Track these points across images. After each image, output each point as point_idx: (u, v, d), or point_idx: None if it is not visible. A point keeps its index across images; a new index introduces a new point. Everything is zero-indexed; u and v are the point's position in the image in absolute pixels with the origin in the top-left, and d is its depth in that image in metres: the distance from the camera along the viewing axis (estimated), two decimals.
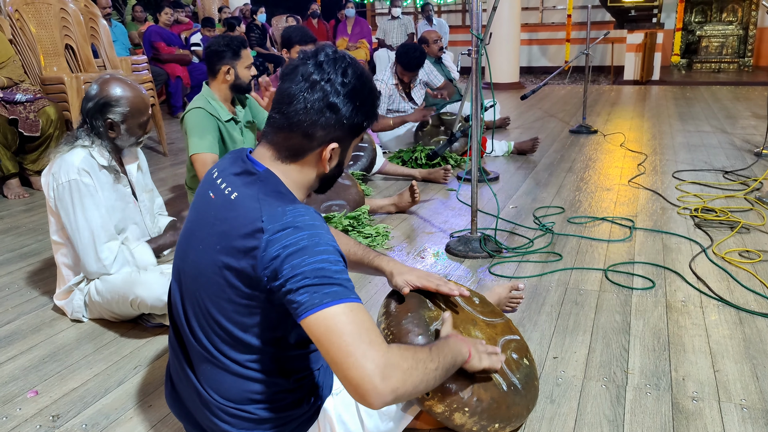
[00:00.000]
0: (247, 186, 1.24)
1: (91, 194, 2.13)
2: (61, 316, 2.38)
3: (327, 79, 1.24)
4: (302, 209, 1.20)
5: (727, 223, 3.18)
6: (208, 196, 1.31)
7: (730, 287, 2.47)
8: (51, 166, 2.18)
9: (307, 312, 1.11)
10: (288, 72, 1.29)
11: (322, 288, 1.11)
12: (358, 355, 1.07)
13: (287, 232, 1.15)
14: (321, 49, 1.30)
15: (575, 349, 2.05)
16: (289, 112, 1.24)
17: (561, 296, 2.44)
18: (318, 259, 1.13)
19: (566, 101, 8.00)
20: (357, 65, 1.30)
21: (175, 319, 1.41)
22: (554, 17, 12.39)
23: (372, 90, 1.31)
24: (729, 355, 1.99)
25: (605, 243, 3.00)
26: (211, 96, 3.02)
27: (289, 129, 1.25)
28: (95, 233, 2.14)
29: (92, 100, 2.15)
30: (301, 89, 1.24)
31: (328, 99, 1.23)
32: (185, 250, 1.36)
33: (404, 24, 9.32)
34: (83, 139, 2.17)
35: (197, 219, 1.34)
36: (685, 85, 9.27)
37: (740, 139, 5.26)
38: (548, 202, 3.67)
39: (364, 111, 1.28)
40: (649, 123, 6.21)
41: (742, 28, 11.38)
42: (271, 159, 1.29)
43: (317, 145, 1.27)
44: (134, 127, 2.21)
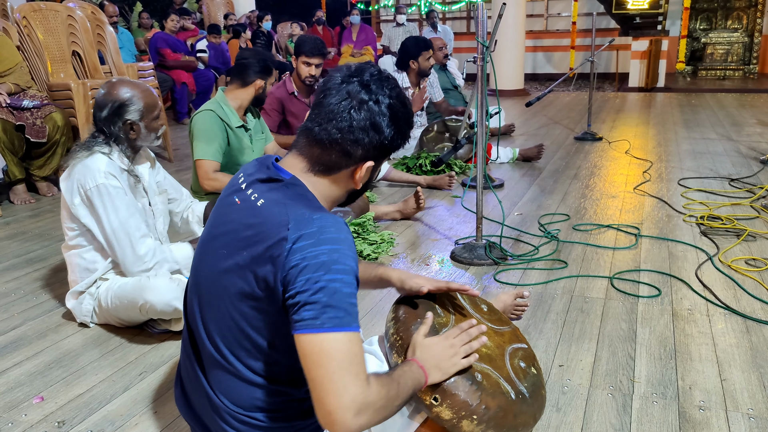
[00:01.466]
0: (273, 192, 1.24)
1: (120, 195, 2.15)
2: (67, 321, 2.39)
3: (375, 99, 1.24)
4: (330, 219, 1.19)
5: (733, 230, 3.17)
6: (234, 201, 1.31)
7: (736, 295, 2.46)
8: (71, 172, 2.19)
9: (305, 329, 1.12)
10: (332, 88, 1.27)
11: (329, 311, 1.12)
12: (340, 385, 1.08)
13: (310, 243, 1.14)
14: (365, 68, 1.30)
15: (581, 357, 2.05)
16: (331, 128, 1.24)
17: (566, 304, 2.44)
18: (333, 278, 1.13)
19: (571, 108, 8.00)
20: (398, 87, 1.30)
21: (190, 323, 1.41)
22: (559, 24, 12.40)
23: (409, 112, 1.33)
24: (736, 363, 1.98)
25: (611, 251, 2.99)
26: (224, 101, 3.04)
27: (329, 145, 1.25)
28: (130, 232, 2.16)
29: (105, 107, 2.17)
30: (346, 107, 1.24)
31: (374, 119, 1.24)
32: (206, 254, 1.35)
33: (409, 31, 9.34)
34: (101, 146, 2.19)
35: (220, 224, 1.33)
36: (690, 93, 9.26)
37: (746, 147, 5.25)
38: (553, 210, 3.66)
39: (402, 132, 1.30)
40: (654, 130, 6.21)
41: (748, 36, 11.38)
42: (302, 170, 1.28)
43: (354, 162, 1.27)
44: (151, 122, 2.23)
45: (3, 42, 3.95)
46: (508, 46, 9.26)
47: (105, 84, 2.22)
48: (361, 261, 1.67)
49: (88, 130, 4.19)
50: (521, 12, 9.43)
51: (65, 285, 2.66)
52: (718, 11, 11.70)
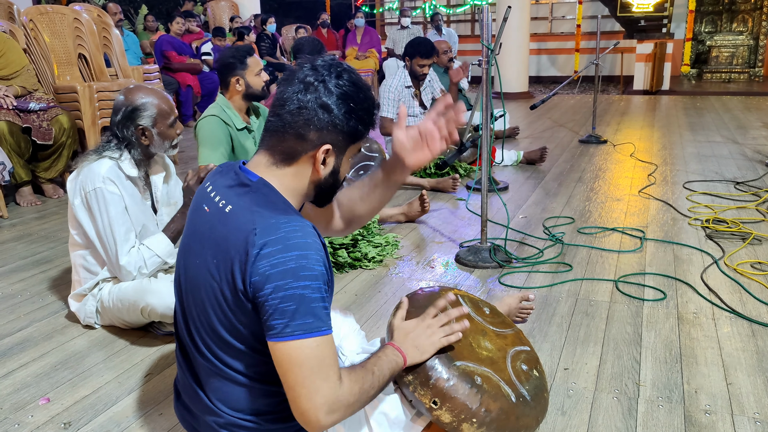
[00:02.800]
0: (241, 197, 1.25)
1: (115, 202, 2.15)
2: (72, 323, 2.40)
3: (321, 80, 1.24)
4: (297, 224, 1.19)
5: (738, 234, 3.17)
6: (203, 209, 1.31)
7: (742, 299, 2.45)
8: (78, 174, 2.21)
9: (276, 338, 1.15)
10: (285, 77, 1.29)
11: (297, 318, 1.14)
12: (312, 388, 1.14)
13: (277, 249, 1.15)
14: (319, 57, 1.31)
15: (586, 360, 2.04)
16: (283, 113, 1.25)
17: (571, 307, 2.44)
18: (301, 285, 1.14)
19: (576, 111, 7.99)
20: (353, 73, 1.30)
21: (179, 335, 1.42)
22: (563, 27, 12.40)
23: (368, 97, 1.30)
24: (742, 367, 1.97)
25: (616, 254, 2.98)
26: (226, 105, 3.04)
27: (283, 131, 1.25)
28: (117, 240, 2.16)
29: (120, 111, 2.18)
30: (295, 91, 1.24)
31: (320, 99, 1.23)
32: (185, 265, 1.36)
33: (413, 34, 9.34)
34: (111, 151, 2.20)
35: (193, 233, 1.34)
36: (696, 96, 9.24)
37: (751, 150, 5.23)
38: (558, 212, 3.66)
39: (358, 116, 1.27)
40: (659, 133, 6.20)
41: (753, 38, 11.35)
42: (266, 165, 1.29)
43: (311, 147, 1.26)
44: (164, 128, 2.23)
45: (10, 45, 3.97)
46: (513, 49, 9.26)
47: (123, 89, 2.24)
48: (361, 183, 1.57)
49: (94, 133, 4.21)
50: (526, 15, 9.42)
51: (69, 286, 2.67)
52: (723, 14, 11.67)
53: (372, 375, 1.25)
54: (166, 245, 2.24)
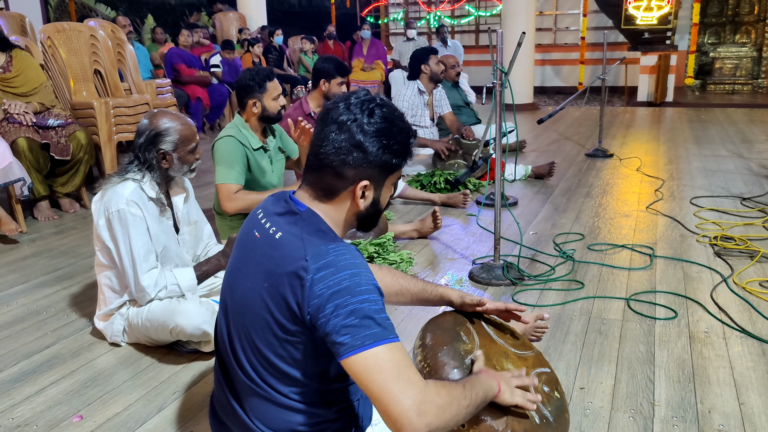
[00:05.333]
0: (290, 225, 1.31)
1: (137, 224, 2.22)
2: (98, 340, 2.46)
3: (354, 119, 1.30)
4: (343, 248, 1.26)
5: (746, 252, 3.22)
6: (253, 235, 1.38)
7: (752, 318, 2.51)
8: (102, 195, 2.28)
9: (348, 353, 1.18)
10: (321, 116, 1.36)
11: (363, 329, 1.18)
12: (397, 392, 1.14)
13: (330, 272, 1.21)
14: (353, 92, 1.37)
15: (601, 379, 2.10)
16: (320, 153, 1.31)
17: (585, 325, 2.49)
18: (359, 299, 1.20)
19: (581, 123, 8.06)
20: (387, 106, 1.34)
21: (221, 353, 1.48)
22: (567, 38, 12.49)
23: (402, 130, 1.35)
24: (753, 387, 2.03)
25: (626, 271, 3.04)
26: (242, 125, 3.12)
27: (322, 169, 1.32)
28: (138, 262, 2.22)
29: (143, 135, 2.26)
30: (330, 131, 1.31)
31: (354, 138, 1.29)
32: (232, 287, 1.43)
33: (419, 45, 9.43)
34: (134, 173, 2.27)
35: (243, 257, 1.41)
36: (700, 107, 9.31)
37: (757, 164, 5.29)
38: (567, 228, 3.72)
39: (393, 150, 1.32)
40: (665, 147, 6.26)
41: (756, 50, 11.43)
42: (310, 199, 1.36)
43: (349, 183, 1.32)
44: (185, 154, 2.30)
45: (28, 62, 4.05)
46: (519, 61, 9.28)
47: (148, 113, 2.31)
48: (417, 279, 1.74)
49: (110, 148, 4.29)
50: (531, 26, 9.50)
51: (94, 303, 2.73)
52: (726, 25, 11.77)
53: (463, 387, 1.26)
54: (191, 281, 2.31)
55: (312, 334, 1.27)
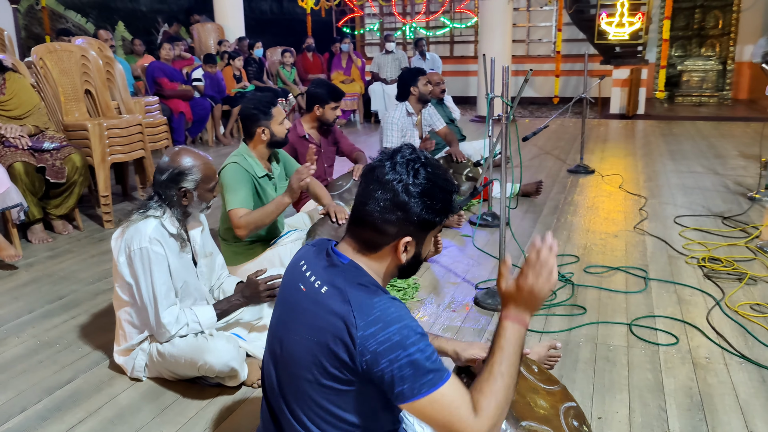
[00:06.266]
0: (334, 278, 1.38)
1: (159, 262, 2.25)
2: (118, 374, 2.47)
3: (399, 180, 1.36)
4: (388, 301, 1.33)
5: (734, 274, 3.38)
6: (299, 288, 1.44)
7: (748, 343, 2.64)
8: (123, 233, 2.30)
9: (408, 400, 1.28)
10: (366, 173, 1.43)
11: (419, 378, 1.27)
12: (466, 423, 1.28)
13: (379, 327, 1.29)
14: (399, 150, 1.42)
15: (616, 408, 2.20)
16: (365, 210, 1.38)
17: (592, 352, 2.60)
18: (411, 351, 1.28)
19: (559, 137, 8.23)
20: (431, 165, 1.40)
21: (270, 399, 1.54)
22: (540, 50, 12.73)
23: (445, 188, 1.41)
24: (758, 414, 2.15)
25: (624, 294, 3.16)
26: (247, 153, 3.15)
27: (365, 225, 1.39)
28: (159, 299, 2.25)
29: (165, 172, 2.28)
30: (375, 189, 1.37)
31: (399, 198, 1.35)
32: (280, 339, 1.49)
33: (398, 58, 9.54)
34: (155, 210, 2.29)
35: (289, 310, 1.47)
36: (670, 120, 9.59)
37: (732, 182, 5.50)
38: (562, 249, 3.83)
39: (434, 209, 1.39)
40: (642, 162, 6.46)
41: (721, 63, 11.81)
42: (353, 251, 1.43)
43: (392, 239, 1.40)
44: (205, 192, 2.34)
45: (21, 85, 4.02)
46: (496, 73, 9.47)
47: (170, 151, 2.35)
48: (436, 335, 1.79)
49: (104, 169, 4.27)
50: (507, 39, 9.67)
51: (106, 333, 2.75)
52: (692, 39, 12.15)
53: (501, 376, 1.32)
54: (211, 318, 2.35)
55: (366, 382, 1.34)
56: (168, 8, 14.40)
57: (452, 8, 12.13)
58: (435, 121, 5.38)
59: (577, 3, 10.37)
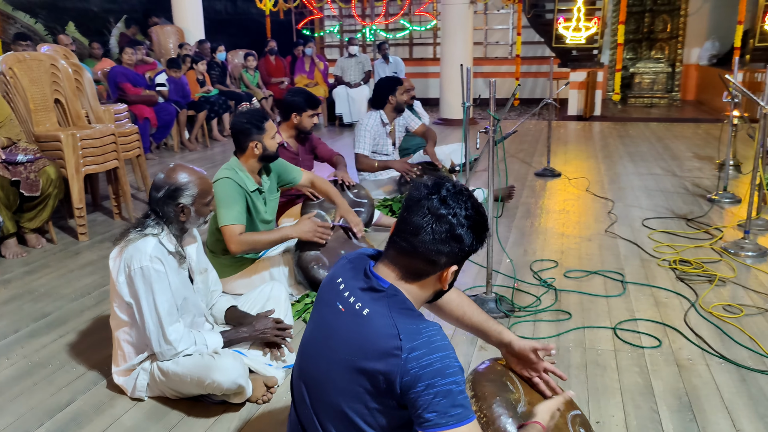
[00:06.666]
0: (376, 302, 1.44)
1: (161, 280, 2.25)
2: (117, 394, 2.45)
3: (453, 213, 1.43)
4: (433, 329, 1.40)
5: (704, 275, 3.55)
6: (337, 308, 1.49)
7: (725, 344, 2.80)
8: (121, 252, 2.29)
9: (435, 429, 1.34)
10: (413, 204, 1.46)
11: (449, 410, 1.34)
12: None
13: (424, 352, 1.35)
14: (442, 184, 1.48)
15: (612, 412, 2.31)
16: (416, 241, 1.43)
17: (582, 357, 2.71)
18: (448, 381, 1.35)
19: (521, 140, 8.41)
20: (473, 197, 1.49)
21: (300, 415, 1.58)
22: (497, 52, 12.95)
23: (485, 218, 1.50)
24: (743, 414, 2.29)
25: (605, 298, 3.29)
26: (239, 167, 3.16)
27: (415, 255, 1.45)
28: (162, 317, 2.25)
29: (162, 189, 2.29)
30: (428, 222, 1.42)
31: (454, 231, 1.42)
32: (313, 357, 1.53)
33: (361, 62, 9.58)
34: (152, 228, 2.29)
35: (327, 328, 1.51)
36: (625, 121, 9.91)
37: (691, 183, 5.75)
38: (540, 254, 3.95)
39: (481, 238, 1.48)
40: (604, 165, 6.67)
41: (670, 65, 12.26)
42: (395, 278, 1.48)
43: (440, 269, 1.46)
44: (201, 207, 2.36)
45: None
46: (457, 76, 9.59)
47: (166, 167, 2.35)
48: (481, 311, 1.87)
49: (78, 181, 4.19)
50: (469, 42, 9.80)
51: (98, 352, 2.74)
52: (643, 42, 12.56)
53: None
54: (218, 343, 2.38)
55: (400, 404, 1.40)
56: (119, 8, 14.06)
57: (411, 11, 12.23)
58: (410, 122, 5.45)
59: (535, 8, 10.60)
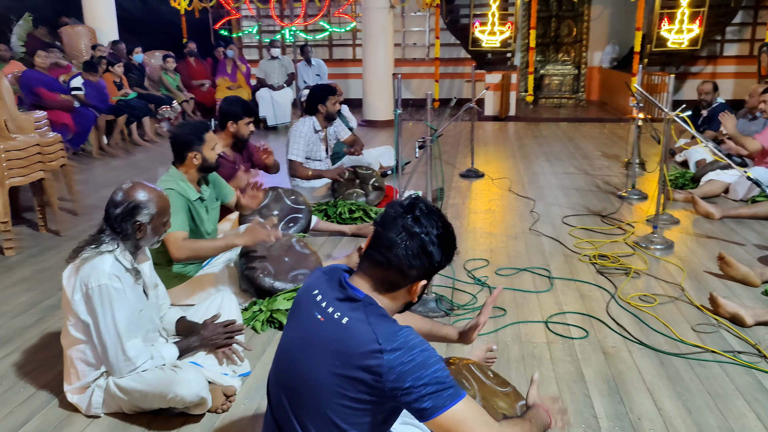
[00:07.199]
0: (354, 311, 1.56)
1: (120, 297, 2.27)
2: (72, 413, 2.45)
3: (425, 231, 1.58)
4: (408, 330, 1.55)
5: (621, 269, 3.88)
6: (316, 317, 1.61)
7: (643, 331, 3.09)
8: (77, 270, 2.29)
9: (434, 414, 1.48)
10: (389, 222, 1.60)
11: (442, 393, 1.48)
12: None
13: (403, 351, 1.49)
14: (415, 204, 1.62)
15: None
16: (390, 255, 1.57)
17: (520, 350, 2.93)
18: (432, 371, 1.49)
19: (444, 140, 8.67)
20: (444, 217, 1.65)
21: (276, 417, 1.70)
22: (416, 53, 13.25)
23: (454, 236, 1.66)
24: (663, 393, 2.57)
25: (535, 294, 3.54)
26: (180, 177, 3.19)
27: (389, 268, 1.58)
28: (122, 333, 2.28)
29: (120, 206, 2.31)
30: (402, 238, 1.57)
31: (426, 248, 1.57)
32: (294, 364, 1.64)
33: (284, 65, 9.59)
34: (108, 244, 2.31)
35: (306, 336, 1.62)
36: (538, 122, 10.42)
37: (602, 181, 6.17)
38: (471, 254, 4.18)
39: (449, 255, 1.64)
40: (523, 165, 7.03)
41: (576, 67, 12.96)
42: (369, 288, 1.62)
43: (411, 282, 1.61)
44: (159, 225, 2.40)
45: None
46: (379, 78, 9.80)
47: (123, 186, 2.36)
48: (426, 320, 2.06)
49: (2, 194, 4.05)
50: (389, 44, 9.99)
51: (47, 370, 2.72)
52: (550, 45, 13.21)
53: (529, 422, 1.62)
54: (174, 354, 2.42)
55: (382, 402, 1.54)
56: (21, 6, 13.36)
57: (330, 13, 12.31)
58: (340, 131, 5.56)
59: (451, 13, 10.94)
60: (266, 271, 3.31)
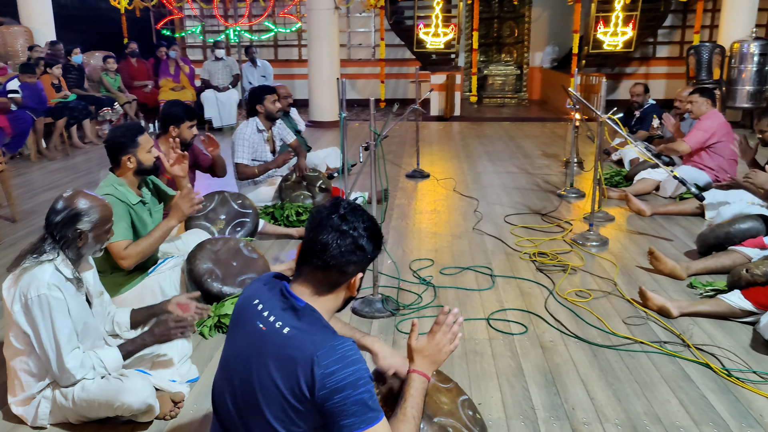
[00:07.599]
0: (295, 320, 1.64)
1: (60, 307, 2.27)
2: (18, 425, 2.43)
3: (353, 227, 1.67)
4: (347, 344, 1.61)
5: (559, 265, 4.05)
6: (257, 327, 1.67)
7: (578, 325, 3.26)
8: (17, 280, 2.28)
9: None
10: (317, 225, 1.68)
11: (362, 415, 1.57)
12: None
13: (339, 367, 1.56)
14: (338, 204, 1.72)
15: (491, 394, 2.65)
16: (326, 256, 1.65)
17: (463, 347, 3.04)
18: (361, 391, 1.57)
19: (389, 141, 8.77)
20: (367, 212, 1.74)
21: (225, 422, 1.76)
22: (360, 54, 13.33)
23: (379, 226, 1.76)
24: (595, 383, 2.72)
25: (477, 292, 3.67)
26: (118, 182, 3.17)
27: (328, 269, 1.67)
28: (61, 344, 2.27)
29: (61, 213, 2.30)
30: (333, 238, 1.65)
31: (357, 242, 1.67)
32: (237, 373, 1.70)
33: (229, 65, 9.52)
34: (48, 253, 2.30)
35: (249, 345, 1.68)
36: (482, 121, 10.65)
37: (542, 180, 6.39)
38: (416, 254, 4.28)
39: (379, 244, 1.74)
40: (466, 165, 7.20)
41: (518, 68, 13.29)
42: (310, 294, 1.69)
43: (350, 277, 1.70)
44: (101, 234, 2.40)
45: None
46: (325, 79, 9.84)
47: (66, 193, 2.36)
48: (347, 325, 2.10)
49: None
50: (335, 45, 10.04)
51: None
52: (493, 46, 13.52)
53: (413, 418, 1.71)
54: (117, 361, 2.40)
55: (318, 413, 1.61)
56: None
57: (275, 13, 12.27)
58: (286, 135, 5.59)
59: (396, 14, 11.05)
60: (214, 275, 3.33)
